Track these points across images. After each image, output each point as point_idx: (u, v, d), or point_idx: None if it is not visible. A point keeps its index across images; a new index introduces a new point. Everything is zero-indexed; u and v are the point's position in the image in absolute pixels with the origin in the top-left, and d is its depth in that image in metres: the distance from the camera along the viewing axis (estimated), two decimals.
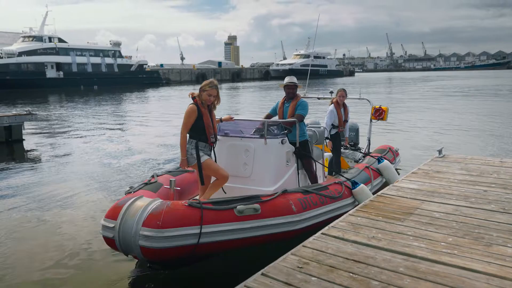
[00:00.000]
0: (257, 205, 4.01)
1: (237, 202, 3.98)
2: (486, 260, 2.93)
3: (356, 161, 7.07)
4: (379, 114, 7.52)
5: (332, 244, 3.35)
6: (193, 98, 4.53)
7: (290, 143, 5.18)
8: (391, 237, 3.43)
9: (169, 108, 24.94)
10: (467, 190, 4.72)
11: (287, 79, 5.63)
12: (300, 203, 4.40)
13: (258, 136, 4.99)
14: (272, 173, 4.92)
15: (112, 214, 3.82)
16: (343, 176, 5.57)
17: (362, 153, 7.34)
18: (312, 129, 5.90)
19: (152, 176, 4.93)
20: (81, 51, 57.03)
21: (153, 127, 16.26)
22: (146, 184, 4.63)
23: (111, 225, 3.74)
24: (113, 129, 15.76)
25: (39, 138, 13.30)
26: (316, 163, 5.71)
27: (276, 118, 5.63)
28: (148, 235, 3.52)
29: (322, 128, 6.22)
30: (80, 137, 13.65)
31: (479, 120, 15.76)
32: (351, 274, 2.82)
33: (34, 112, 12.61)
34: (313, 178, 5.55)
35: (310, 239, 3.49)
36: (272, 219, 4.07)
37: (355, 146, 7.64)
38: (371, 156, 6.81)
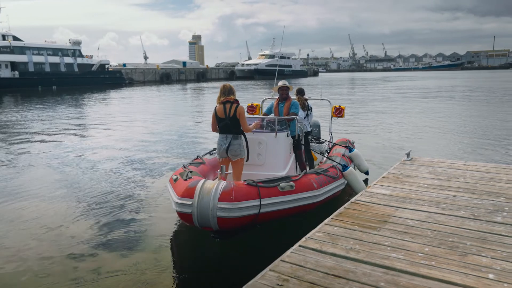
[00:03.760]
0: (292, 183, 4.91)
1: (278, 181, 4.85)
2: (463, 272, 2.96)
3: (322, 153, 7.71)
4: (338, 112, 8.30)
5: (311, 258, 3.29)
6: (235, 100, 5.28)
7: None
8: (369, 248, 3.42)
9: (133, 111, 24.29)
10: (438, 196, 4.81)
11: (281, 83, 6.41)
12: (317, 181, 5.36)
13: (268, 130, 5.97)
14: (282, 160, 5.94)
15: (187, 193, 4.46)
16: (334, 161, 6.55)
17: (331, 142, 8.28)
18: (298, 125, 6.52)
19: (184, 166, 5.63)
20: (38, 50, 54.39)
21: (116, 130, 15.74)
22: (190, 172, 5.23)
23: (189, 202, 4.38)
24: (74, 133, 15.12)
25: None
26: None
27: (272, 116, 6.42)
28: (225, 207, 4.26)
29: (304, 124, 6.82)
30: (38, 142, 12.99)
31: (438, 120, 16.34)
32: None
33: None
34: (302, 165, 6.36)
35: (288, 252, 3.42)
36: (302, 193, 5.00)
37: (318, 140, 8.25)
38: (342, 146, 7.66)
